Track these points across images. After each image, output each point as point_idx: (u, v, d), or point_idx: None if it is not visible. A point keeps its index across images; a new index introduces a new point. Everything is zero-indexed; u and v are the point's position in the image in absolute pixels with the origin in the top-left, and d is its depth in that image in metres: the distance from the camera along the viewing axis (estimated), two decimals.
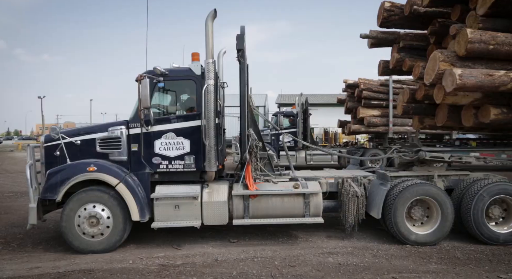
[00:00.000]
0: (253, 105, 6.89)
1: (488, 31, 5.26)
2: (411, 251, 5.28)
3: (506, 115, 5.60)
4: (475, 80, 5.08)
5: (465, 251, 5.28)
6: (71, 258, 5.14)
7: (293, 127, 15.39)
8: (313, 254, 5.20)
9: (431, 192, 5.44)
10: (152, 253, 5.29)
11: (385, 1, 7.47)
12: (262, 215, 5.42)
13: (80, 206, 5.17)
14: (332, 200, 6.13)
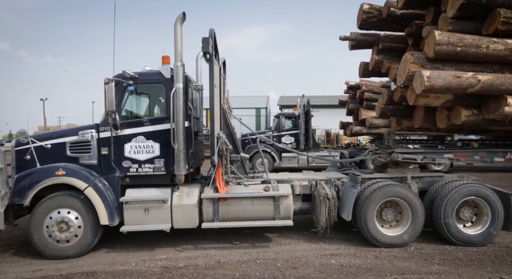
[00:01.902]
0: (229, 108, 6.88)
1: (456, 33, 5.27)
2: (413, 253, 5.30)
3: (476, 117, 5.60)
4: (443, 82, 5.08)
5: (467, 252, 5.30)
6: (74, 261, 5.19)
7: (295, 129, 15.45)
8: (316, 255, 5.23)
9: (401, 193, 5.44)
10: (155, 255, 5.33)
11: (364, 3, 7.49)
12: (232, 218, 5.41)
13: (49, 212, 5.15)
14: (307, 202, 6.14)
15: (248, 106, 35.98)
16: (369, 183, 5.70)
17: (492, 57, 5.21)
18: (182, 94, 5.18)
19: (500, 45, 5.13)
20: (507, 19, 5.04)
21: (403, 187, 5.52)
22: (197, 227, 5.42)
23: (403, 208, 5.51)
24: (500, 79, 5.10)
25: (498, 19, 5.07)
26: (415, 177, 6.03)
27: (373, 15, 7.43)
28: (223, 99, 6.59)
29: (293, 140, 15.50)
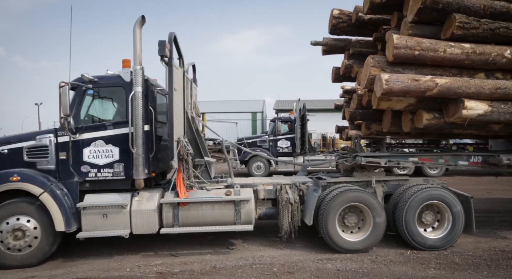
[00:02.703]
0: (197, 112, 6.85)
1: (414, 37, 5.32)
2: (409, 257, 5.30)
3: (438, 120, 5.63)
4: (401, 85, 5.11)
5: (463, 257, 5.30)
6: (68, 267, 5.14)
7: (291, 133, 15.47)
8: (312, 260, 5.21)
9: (362, 198, 5.42)
10: (150, 261, 5.29)
11: (334, 9, 7.56)
12: (192, 223, 5.34)
13: (3, 219, 5.03)
14: (272, 207, 6.09)
15: (244, 110, 36.02)
16: (333, 188, 5.68)
17: (449, 61, 5.26)
18: (141, 98, 5.13)
19: (456, 49, 5.19)
20: (462, 23, 5.10)
21: (364, 192, 5.50)
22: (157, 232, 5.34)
23: (365, 213, 5.49)
24: (458, 83, 5.14)
25: (454, 24, 5.13)
26: (380, 181, 6.03)
27: (343, 20, 7.48)
28: (190, 103, 6.57)
29: (289, 144, 15.54)
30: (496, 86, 5.16)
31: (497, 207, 8.62)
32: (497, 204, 8.97)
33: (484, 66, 5.36)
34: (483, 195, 10.17)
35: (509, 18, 5.28)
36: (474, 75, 5.47)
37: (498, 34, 5.19)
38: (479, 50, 5.20)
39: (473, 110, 5.17)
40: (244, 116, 35.46)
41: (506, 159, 5.76)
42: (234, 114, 34.98)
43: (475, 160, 6.13)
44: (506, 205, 8.76)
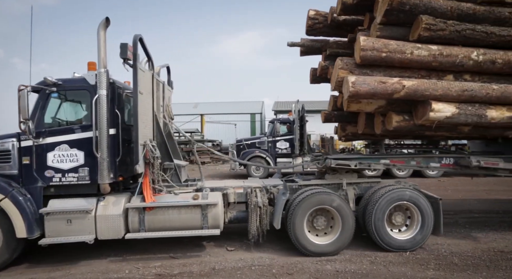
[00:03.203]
0: (169, 115, 6.76)
1: (381, 39, 5.29)
2: (408, 258, 5.29)
3: (407, 122, 5.61)
4: (368, 87, 5.08)
5: (462, 257, 5.30)
6: (67, 269, 5.13)
7: (290, 134, 15.40)
8: (311, 261, 5.20)
9: (330, 201, 5.38)
10: (149, 263, 5.29)
11: (310, 9, 7.50)
12: (159, 227, 5.26)
13: None
14: (243, 211, 6.03)
15: (242, 112, 36.00)
16: (302, 191, 5.64)
17: (417, 63, 5.24)
18: (106, 101, 5.05)
19: (424, 51, 5.17)
20: (429, 25, 5.08)
21: (333, 194, 5.46)
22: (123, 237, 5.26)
23: (334, 216, 5.45)
24: (425, 85, 5.12)
25: (420, 26, 5.11)
26: (352, 183, 5.99)
27: (319, 21, 7.44)
28: (162, 106, 6.49)
29: (288, 145, 15.44)
30: (463, 88, 5.14)
31: (496, 207, 8.66)
32: (496, 205, 9.00)
33: (452, 68, 5.35)
34: (482, 196, 10.20)
35: (475, 20, 5.27)
36: (443, 77, 5.47)
37: (465, 36, 5.18)
38: (446, 52, 5.18)
39: (440, 112, 5.15)
40: (243, 117, 35.48)
41: (476, 160, 5.74)
42: (233, 116, 34.97)
43: (447, 162, 6.12)
44: (505, 206, 8.79)
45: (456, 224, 7.18)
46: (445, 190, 11.43)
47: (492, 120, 5.28)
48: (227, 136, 31.31)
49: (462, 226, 7.04)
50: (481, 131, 5.78)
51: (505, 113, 5.28)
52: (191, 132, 32.53)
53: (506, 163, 5.90)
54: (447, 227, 6.84)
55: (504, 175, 6.16)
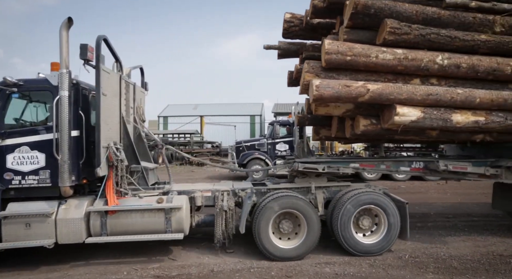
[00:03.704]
0: (140, 118, 6.70)
1: (346, 43, 5.28)
2: (408, 261, 5.30)
3: (375, 126, 5.59)
4: (332, 91, 5.05)
5: (462, 261, 5.31)
6: (64, 270, 5.14)
7: (289, 136, 15.37)
8: (310, 264, 5.20)
9: (294, 204, 5.35)
10: (147, 264, 5.29)
11: (286, 13, 7.50)
12: (121, 231, 5.19)
13: None
14: (210, 215, 5.97)
15: (242, 113, 35.95)
16: (269, 194, 5.60)
17: (382, 66, 5.23)
18: (67, 102, 4.98)
19: (389, 55, 5.16)
20: (393, 29, 5.07)
21: (298, 198, 5.43)
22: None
23: (300, 220, 5.42)
24: (390, 89, 5.10)
25: (385, 29, 5.10)
26: (321, 187, 5.96)
27: (294, 24, 7.43)
28: (132, 108, 6.43)
29: (287, 147, 15.35)
30: (428, 92, 5.13)
31: (495, 211, 8.60)
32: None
33: (418, 72, 5.34)
34: (481, 199, 10.20)
35: (440, 24, 5.27)
36: (410, 81, 5.45)
37: (430, 40, 5.17)
38: (411, 56, 5.17)
39: (405, 116, 5.14)
40: (243, 119, 35.44)
41: (443, 165, 5.74)
42: (233, 117, 34.92)
43: (417, 166, 6.11)
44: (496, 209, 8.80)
45: (455, 227, 7.24)
46: (444, 193, 11.49)
47: (458, 124, 5.28)
48: (227, 138, 31.30)
49: (461, 230, 7.07)
50: (449, 135, 5.78)
51: (470, 117, 5.28)
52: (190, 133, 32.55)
53: (475, 167, 5.90)
54: (446, 230, 6.97)
55: (473, 179, 6.17)
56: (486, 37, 5.22)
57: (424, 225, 7.42)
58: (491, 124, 5.34)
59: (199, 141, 30.87)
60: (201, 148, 29.12)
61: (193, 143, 29.86)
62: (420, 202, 10.01)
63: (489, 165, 5.97)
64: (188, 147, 28.89)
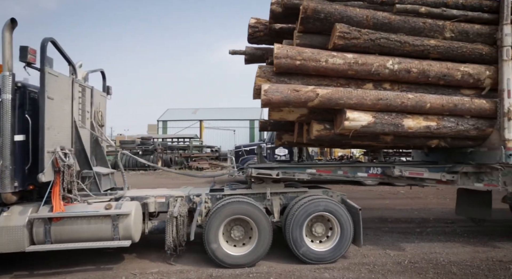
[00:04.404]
0: (99, 123, 6.60)
1: (296, 47, 5.25)
2: (407, 267, 5.28)
3: (328, 132, 5.54)
4: (281, 96, 5.01)
5: (461, 267, 5.29)
6: (62, 275, 5.09)
7: None
8: (309, 269, 5.17)
9: (245, 210, 5.25)
10: (146, 269, 5.25)
11: (251, 17, 7.47)
12: (67, 239, 5.02)
13: None
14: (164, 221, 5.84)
15: (242, 118, 35.84)
16: (222, 200, 5.50)
17: (332, 71, 5.20)
18: (11, 106, 4.87)
19: (339, 59, 5.13)
20: (343, 33, 5.05)
21: (249, 204, 5.33)
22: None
23: (251, 226, 5.32)
24: (339, 93, 5.07)
25: (335, 34, 5.09)
26: (278, 193, 5.87)
27: (259, 29, 7.39)
28: (89, 112, 6.33)
29: (286, 152, 15.20)
30: (378, 97, 5.10)
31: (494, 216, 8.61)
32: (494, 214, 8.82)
33: (369, 77, 5.31)
34: None
35: (391, 29, 5.27)
36: (362, 86, 5.42)
37: (379, 44, 5.16)
38: (362, 60, 5.15)
39: (356, 121, 5.10)
40: (242, 123, 35.43)
41: (398, 170, 5.68)
42: (232, 122, 34.89)
43: (374, 172, 6.05)
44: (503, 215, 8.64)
45: (454, 233, 7.22)
46: (443, 199, 11.45)
47: (409, 129, 5.25)
48: (226, 142, 31.27)
49: (460, 235, 7.05)
50: (404, 141, 5.75)
51: (422, 122, 5.26)
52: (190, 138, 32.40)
53: (431, 173, 5.86)
54: (446, 236, 6.96)
55: (431, 184, 6.13)
56: (435, 42, 5.23)
57: (423, 230, 7.45)
58: (443, 130, 5.32)
59: (198, 145, 30.80)
60: (201, 152, 29.18)
61: (193, 147, 29.87)
62: (419, 207, 10.01)
63: (446, 170, 5.93)
64: (187, 151, 28.85)
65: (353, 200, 5.81)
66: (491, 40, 5.35)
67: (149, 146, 26.38)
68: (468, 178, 5.96)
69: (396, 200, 11.34)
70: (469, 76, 5.27)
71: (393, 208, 9.93)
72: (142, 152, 25.69)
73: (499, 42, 5.24)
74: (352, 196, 12.19)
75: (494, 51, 5.31)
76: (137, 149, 26.39)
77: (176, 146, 30.28)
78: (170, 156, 27.08)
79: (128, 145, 28.39)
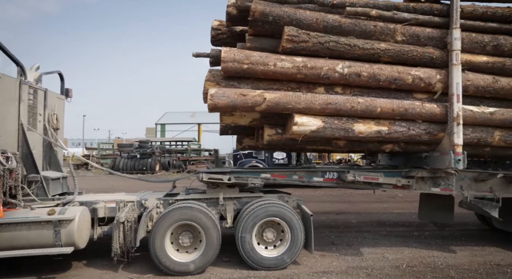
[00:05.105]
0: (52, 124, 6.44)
1: (245, 51, 5.17)
2: (405, 270, 5.27)
3: (280, 136, 5.47)
4: (227, 100, 4.91)
5: (459, 270, 5.28)
6: (59, 277, 5.07)
7: None
8: (307, 273, 5.15)
9: (191, 215, 5.13)
10: (143, 272, 5.20)
11: (214, 20, 7.37)
12: (6, 246, 4.86)
13: None
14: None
15: None
16: (171, 206, 5.39)
17: (281, 75, 5.11)
18: None
19: (287, 63, 5.05)
20: (291, 37, 4.97)
21: (196, 210, 5.20)
22: None
23: (200, 232, 5.21)
24: (287, 97, 4.98)
25: (283, 37, 5.00)
26: (232, 198, 5.77)
27: (222, 31, 7.28)
28: (41, 115, 6.18)
29: (285, 156, 15.20)
30: (327, 101, 5.03)
31: None
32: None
33: (320, 81, 5.24)
34: None
35: (342, 32, 5.20)
36: (314, 90, 5.34)
37: (329, 48, 5.09)
38: (311, 64, 5.07)
39: (304, 126, 5.02)
40: None
41: (351, 175, 5.60)
42: None
43: (330, 176, 5.97)
44: None
45: (452, 236, 7.22)
46: None
47: (360, 134, 5.18)
48: (224, 145, 31.07)
49: (458, 239, 7.06)
50: (357, 145, 5.67)
51: (373, 127, 5.19)
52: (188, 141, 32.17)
53: (387, 177, 5.79)
54: (444, 240, 6.96)
55: (389, 189, 6.06)
56: (386, 45, 5.16)
57: (421, 234, 7.44)
58: (395, 134, 5.26)
59: (196, 149, 30.65)
60: (199, 155, 29.06)
61: (191, 150, 29.72)
62: (417, 211, 9.90)
63: (402, 175, 5.87)
64: (185, 154, 28.69)
65: (351, 204, 5.85)
66: (442, 44, 5.30)
67: (147, 149, 26.27)
68: (425, 183, 5.90)
69: (394, 204, 11.35)
70: (420, 80, 5.20)
71: (391, 212, 9.94)
72: (140, 155, 25.66)
73: (449, 46, 5.18)
74: (350, 200, 12.49)
75: (445, 55, 5.25)
76: (135, 152, 26.35)
77: (174, 149, 30.20)
78: (168, 159, 26.97)
79: (126, 148, 28.35)
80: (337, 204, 11.09)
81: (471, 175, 5.96)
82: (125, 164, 25.20)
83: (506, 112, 5.32)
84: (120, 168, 24.35)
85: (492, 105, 5.47)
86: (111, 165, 25.64)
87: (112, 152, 31.46)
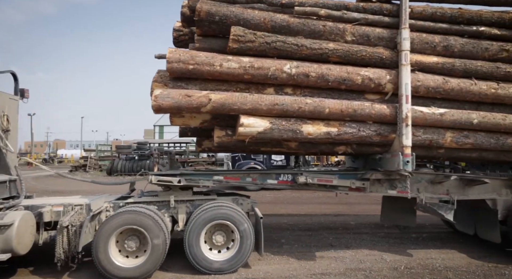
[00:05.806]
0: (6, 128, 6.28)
1: (190, 51, 5.07)
2: (403, 272, 5.28)
3: (229, 138, 5.36)
4: (172, 101, 4.80)
5: (457, 272, 5.30)
6: None
7: None
8: (306, 274, 5.18)
9: (135, 220, 4.98)
10: None
11: (177, 21, 7.26)
12: None
13: None
14: None
15: None
16: (120, 209, 5.25)
17: (228, 75, 5.00)
18: None
19: (234, 63, 4.95)
20: (237, 36, 4.88)
21: (141, 214, 5.07)
22: None
23: (145, 236, 5.07)
24: (233, 98, 4.89)
25: (230, 37, 4.91)
26: (185, 201, 5.65)
27: (184, 33, 7.15)
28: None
29: (283, 157, 15.06)
30: (274, 102, 4.93)
31: None
32: None
33: (267, 81, 5.14)
34: None
35: (291, 32, 5.12)
36: (263, 90, 5.25)
37: (276, 48, 5.00)
38: (257, 64, 4.98)
39: (251, 127, 4.92)
40: None
41: (303, 178, 5.51)
42: None
43: (285, 179, 5.87)
44: None
45: (450, 238, 7.20)
46: None
47: (309, 135, 5.09)
48: None
49: (456, 240, 7.05)
50: (309, 147, 5.58)
51: (322, 128, 5.10)
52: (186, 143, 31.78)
53: (341, 180, 5.71)
54: (442, 241, 6.96)
55: (344, 192, 5.98)
56: (334, 45, 5.08)
57: (419, 236, 7.43)
58: (345, 136, 5.18)
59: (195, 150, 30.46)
60: (197, 157, 28.85)
61: (189, 152, 29.50)
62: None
63: (358, 177, 5.79)
64: (184, 156, 28.45)
65: (349, 206, 5.79)
66: (392, 44, 5.24)
67: (145, 151, 26.12)
68: (381, 185, 5.83)
69: None
70: (369, 81, 5.13)
71: None
72: (138, 157, 25.51)
73: (398, 46, 5.12)
74: (348, 202, 12.43)
75: (395, 55, 5.19)
76: (133, 154, 26.20)
77: (173, 151, 30.01)
78: (166, 161, 26.63)
79: (124, 149, 28.17)
80: (336, 205, 11.07)
81: (428, 177, 5.92)
82: (123, 165, 25.02)
83: (456, 114, 5.27)
84: (118, 170, 24.38)
85: (444, 106, 5.42)
86: (109, 166, 25.49)
87: (111, 154, 31.30)
